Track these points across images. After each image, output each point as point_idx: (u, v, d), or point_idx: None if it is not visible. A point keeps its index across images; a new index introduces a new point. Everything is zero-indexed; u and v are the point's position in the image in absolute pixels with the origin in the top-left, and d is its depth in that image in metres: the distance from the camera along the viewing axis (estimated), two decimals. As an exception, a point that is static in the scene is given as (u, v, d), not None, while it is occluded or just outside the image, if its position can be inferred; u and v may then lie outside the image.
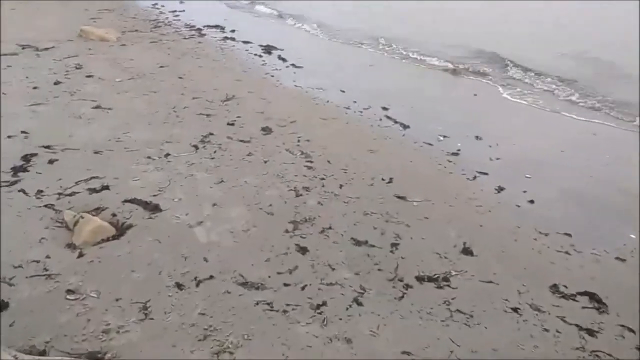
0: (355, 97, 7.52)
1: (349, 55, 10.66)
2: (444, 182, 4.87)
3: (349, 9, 15.43)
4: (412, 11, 15.13)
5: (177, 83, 7.62)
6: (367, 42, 11.69)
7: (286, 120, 6.29)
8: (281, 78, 8.47)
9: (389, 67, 9.82)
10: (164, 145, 5.30)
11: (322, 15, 14.58)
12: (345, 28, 12.96)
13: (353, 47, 11.38)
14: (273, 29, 13.16)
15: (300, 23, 13.96)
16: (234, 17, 14.78)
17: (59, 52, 9.07)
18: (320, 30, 12.98)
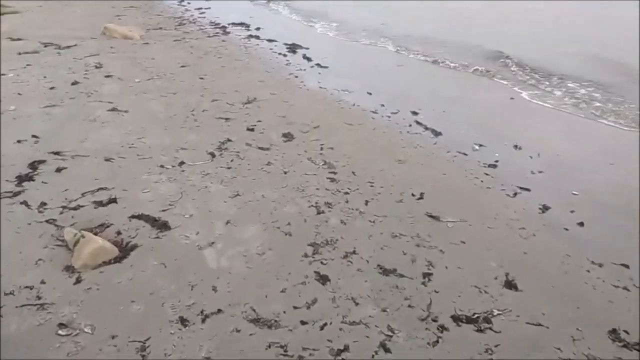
0: (383, 100, 7.04)
1: (376, 55, 10.14)
2: (481, 198, 4.37)
3: (371, 9, 14.93)
4: (426, 10, 14.56)
5: (197, 84, 7.26)
6: (392, 42, 11.16)
7: (309, 125, 5.86)
8: (305, 79, 8.04)
9: (417, 68, 9.28)
10: (179, 153, 4.93)
11: (346, 14, 14.12)
12: (370, 27, 12.46)
13: (379, 47, 10.85)
14: (299, 28, 12.73)
15: (324, 22, 13.47)
16: (261, 15, 14.43)
17: (80, 50, 8.83)
18: (344, 29, 12.49)
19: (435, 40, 10.98)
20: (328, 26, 13.05)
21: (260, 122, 5.90)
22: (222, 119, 5.91)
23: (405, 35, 11.50)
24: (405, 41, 11.07)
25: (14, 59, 7.99)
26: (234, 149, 5.09)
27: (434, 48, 10.47)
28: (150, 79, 7.38)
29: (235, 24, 12.65)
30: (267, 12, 15.44)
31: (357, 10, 14.86)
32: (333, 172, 4.68)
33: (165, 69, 7.99)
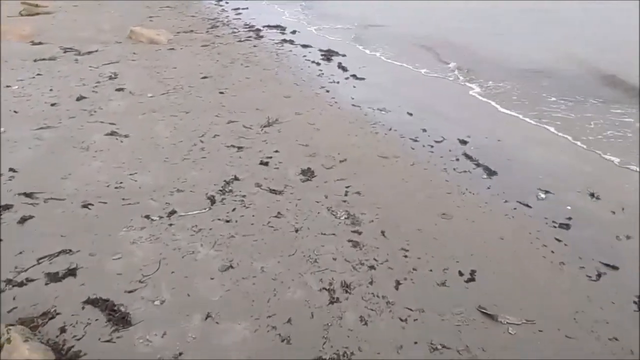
0: (426, 123, 5.89)
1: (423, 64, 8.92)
2: (553, 282, 3.20)
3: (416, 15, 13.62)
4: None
5: (215, 100, 6.32)
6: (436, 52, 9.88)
7: (334, 158, 4.80)
8: (338, 93, 6.97)
9: (464, 85, 8.02)
10: (173, 196, 3.99)
11: (391, 19, 12.92)
12: (418, 35, 11.22)
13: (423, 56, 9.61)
14: (337, 31, 11.61)
15: (365, 30, 12.28)
16: (300, 17, 13.40)
17: (100, 57, 8.08)
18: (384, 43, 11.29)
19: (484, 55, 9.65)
20: (367, 32, 11.89)
21: (278, 152, 4.88)
22: (233, 148, 4.93)
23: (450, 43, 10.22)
24: (450, 49, 9.79)
25: (27, 67, 7.30)
26: (240, 192, 4.09)
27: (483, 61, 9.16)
28: (164, 93, 6.49)
29: (270, 26, 11.70)
30: (309, 14, 14.38)
31: (403, 17, 13.65)
32: (357, 232, 3.60)
33: (184, 80, 7.10)
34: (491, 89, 7.46)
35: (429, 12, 14.06)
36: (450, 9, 14.53)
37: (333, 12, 14.22)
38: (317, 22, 12.65)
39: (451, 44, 10.12)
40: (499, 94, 7.28)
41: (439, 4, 15.16)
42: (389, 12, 14.03)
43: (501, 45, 10.04)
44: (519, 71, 8.30)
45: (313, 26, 12.15)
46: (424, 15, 13.72)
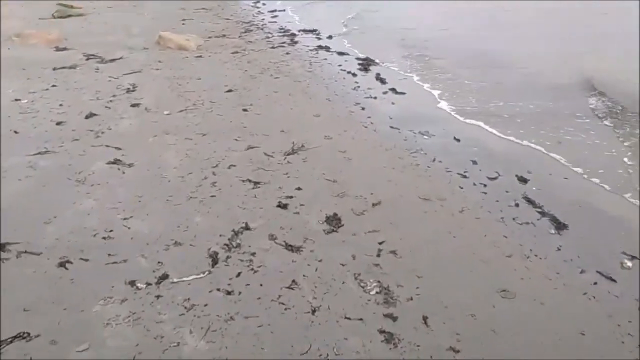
0: (477, 153, 4.98)
1: (468, 77, 7.89)
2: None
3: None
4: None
5: (236, 119, 5.57)
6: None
7: (367, 199, 3.95)
8: (374, 111, 6.10)
9: (519, 95, 6.96)
10: (169, 252, 3.24)
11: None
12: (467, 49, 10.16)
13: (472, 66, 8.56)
14: (379, 37, 10.65)
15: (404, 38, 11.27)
16: (340, 19, 12.51)
17: (123, 65, 7.48)
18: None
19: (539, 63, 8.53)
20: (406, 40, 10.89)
21: (300, 190, 4.07)
22: (249, 184, 4.15)
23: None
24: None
25: (44, 77, 6.77)
26: (249, 248, 3.31)
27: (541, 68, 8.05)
28: (182, 110, 5.78)
29: (306, 30, 10.88)
30: (349, 17, 13.48)
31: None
32: (391, 316, 2.75)
33: (206, 94, 6.38)
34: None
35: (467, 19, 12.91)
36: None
37: (375, 16, 13.27)
38: (356, 26, 11.74)
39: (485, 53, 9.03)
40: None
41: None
42: (443, 21, 12.98)
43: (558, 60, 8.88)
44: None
45: (351, 30, 11.25)
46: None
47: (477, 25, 11.66)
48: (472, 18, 12.51)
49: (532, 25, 11.64)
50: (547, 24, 11.90)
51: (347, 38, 10.38)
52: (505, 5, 13.78)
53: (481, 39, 10.05)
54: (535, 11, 13.33)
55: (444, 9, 13.74)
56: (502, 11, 13.26)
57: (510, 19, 12.38)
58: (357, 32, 11.09)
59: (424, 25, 11.64)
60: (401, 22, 11.98)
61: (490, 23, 11.94)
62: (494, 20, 12.29)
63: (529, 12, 13.34)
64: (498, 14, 12.91)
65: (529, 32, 10.84)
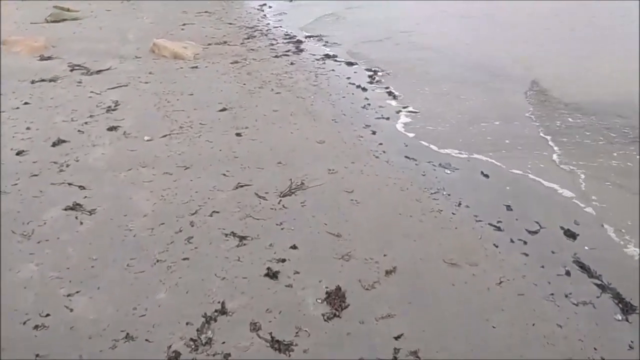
0: (510, 193, 4.10)
1: (491, 91, 6.95)
2: None
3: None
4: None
5: (228, 147, 4.72)
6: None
7: (378, 264, 3.09)
8: (386, 136, 5.24)
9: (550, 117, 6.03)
10: (115, 352, 2.39)
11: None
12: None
13: (491, 76, 7.61)
14: (392, 42, 9.72)
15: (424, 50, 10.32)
16: (347, 25, 11.58)
17: (109, 77, 6.65)
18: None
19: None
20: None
21: (296, 249, 3.21)
22: (234, 239, 3.30)
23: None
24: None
25: (19, 92, 5.96)
26: (222, 346, 2.46)
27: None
28: (167, 135, 4.94)
29: (312, 36, 9.99)
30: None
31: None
32: None
33: (197, 113, 5.53)
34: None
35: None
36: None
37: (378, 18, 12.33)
38: (363, 32, 10.81)
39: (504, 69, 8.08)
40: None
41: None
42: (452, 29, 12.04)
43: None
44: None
45: (359, 37, 10.33)
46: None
47: (484, 31, 10.69)
48: (477, 21, 11.53)
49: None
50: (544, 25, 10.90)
51: (355, 46, 9.48)
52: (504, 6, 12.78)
53: (490, 49, 9.09)
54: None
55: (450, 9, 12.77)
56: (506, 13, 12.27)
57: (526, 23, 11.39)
58: (367, 43, 10.17)
59: (437, 33, 10.69)
60: (409, 26, 11.05)
61: (500, 28, 10.96)
62: (495, 22, 11.32)
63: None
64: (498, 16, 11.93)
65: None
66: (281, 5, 13.58)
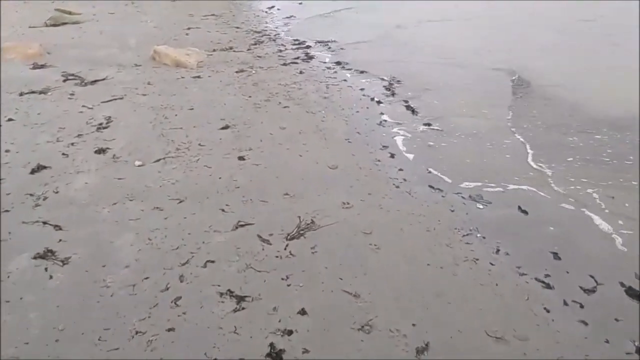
0: (555, 234, 3.44)
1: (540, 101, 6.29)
2: None
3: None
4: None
5: (228, 174, 4.13)
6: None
7: (407, 339, 2.49)
8: (406, 161, 4.62)
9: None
10: None
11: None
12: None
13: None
14: (410, 49, 9.07)
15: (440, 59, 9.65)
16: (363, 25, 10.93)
17: (104, 89, 6.09)
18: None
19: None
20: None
21: (305, 316, 2.61)
22: (230, 300, 2.71)
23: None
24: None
25: (5, 106, 5.41)
26: None
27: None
28: (161, 159, 4.35)
29: (323, 42, 9.37)
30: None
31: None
32: None
33: (196, 132, 4.95)
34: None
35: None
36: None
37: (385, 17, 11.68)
38: (377, 37, 10.16)
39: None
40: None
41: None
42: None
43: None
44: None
45: (373, 43, 9.69)
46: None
47: (505, 39, 10.01)
48: (499, 32, 10.85)
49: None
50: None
51: (369, 53, 8.84)
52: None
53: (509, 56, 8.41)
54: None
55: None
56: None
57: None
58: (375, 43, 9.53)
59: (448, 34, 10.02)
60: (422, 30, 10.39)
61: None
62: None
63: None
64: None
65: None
66: (290, 8, 12.96)
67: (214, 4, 13.14)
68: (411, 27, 10.78)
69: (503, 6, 12.89)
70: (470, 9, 12.81)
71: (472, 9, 12.80)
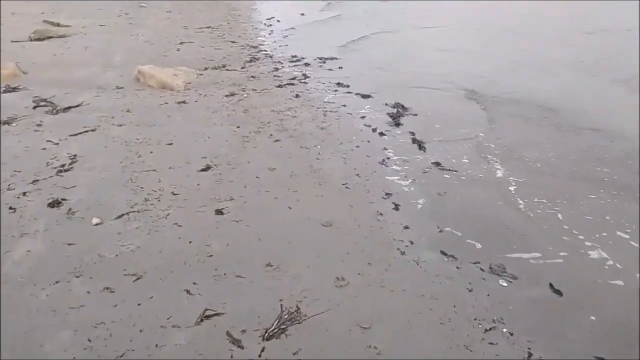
0: (599, 326, 2.71)
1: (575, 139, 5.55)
2: None
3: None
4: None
5: (201, 237, 3.41)
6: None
7: None
8: (413, 213, 3.91)
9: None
10: None
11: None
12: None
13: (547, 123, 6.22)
14: (417, 70, 8.32)
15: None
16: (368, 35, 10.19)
17: (77, 117, 5.44)
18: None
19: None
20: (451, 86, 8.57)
21: None
22: None
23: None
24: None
25: (-41, 141, 4.70)
26: None
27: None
28: (124, 214, 3.65)
29: (323, 58, 8.66)
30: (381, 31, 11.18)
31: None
32: None
33: (171, 175, 4.24)
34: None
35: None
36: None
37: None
38: (382, 55, 9.45)
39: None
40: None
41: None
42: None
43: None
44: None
45: (378, 61, 8.98)
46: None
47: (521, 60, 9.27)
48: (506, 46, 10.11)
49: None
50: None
51: (372, 67, 8.13)
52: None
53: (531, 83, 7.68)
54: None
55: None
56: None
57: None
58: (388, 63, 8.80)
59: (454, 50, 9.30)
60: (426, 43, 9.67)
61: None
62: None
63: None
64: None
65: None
66: (291, 21, 12.25)
67: (212, 15, 12.48)
68: (426, 48, 10.04)
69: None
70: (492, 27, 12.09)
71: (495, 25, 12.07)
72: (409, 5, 15.54)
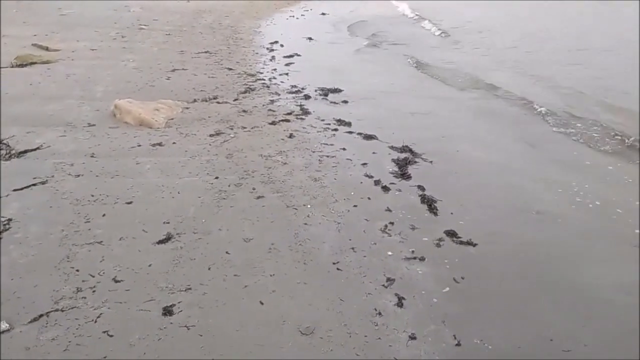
0: None
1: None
2: None
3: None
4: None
5: (134, 355, 2.48)
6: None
7: None
8: (422, 309, 3.00)
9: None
10: None
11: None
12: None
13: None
14: (431, 106, 7.43)
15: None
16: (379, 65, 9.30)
17: (29, 166, 4.64)
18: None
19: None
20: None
21: None
22: None
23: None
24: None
25: None
26: None
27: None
28: (43, 314, 2.79)
29: (325, 90, 7.81)
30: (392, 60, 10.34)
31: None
32: None
33: (118, 254, 3.37)
34: None
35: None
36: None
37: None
38: (392, 87, 8.61)
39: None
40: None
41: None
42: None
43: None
44: None
45: (387, 94, 8.12)
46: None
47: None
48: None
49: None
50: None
51: (381, 101, 7.28)
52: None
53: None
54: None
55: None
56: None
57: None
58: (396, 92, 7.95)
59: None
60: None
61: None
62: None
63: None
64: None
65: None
66: (294, 45, 11.46)
67: (213, 39, 11.80)
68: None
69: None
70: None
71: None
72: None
